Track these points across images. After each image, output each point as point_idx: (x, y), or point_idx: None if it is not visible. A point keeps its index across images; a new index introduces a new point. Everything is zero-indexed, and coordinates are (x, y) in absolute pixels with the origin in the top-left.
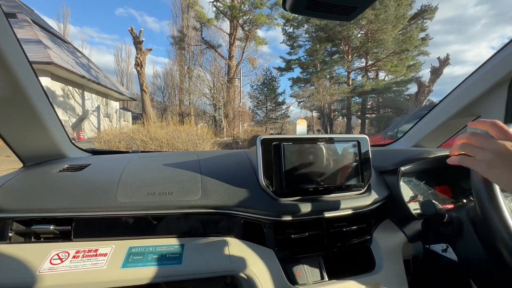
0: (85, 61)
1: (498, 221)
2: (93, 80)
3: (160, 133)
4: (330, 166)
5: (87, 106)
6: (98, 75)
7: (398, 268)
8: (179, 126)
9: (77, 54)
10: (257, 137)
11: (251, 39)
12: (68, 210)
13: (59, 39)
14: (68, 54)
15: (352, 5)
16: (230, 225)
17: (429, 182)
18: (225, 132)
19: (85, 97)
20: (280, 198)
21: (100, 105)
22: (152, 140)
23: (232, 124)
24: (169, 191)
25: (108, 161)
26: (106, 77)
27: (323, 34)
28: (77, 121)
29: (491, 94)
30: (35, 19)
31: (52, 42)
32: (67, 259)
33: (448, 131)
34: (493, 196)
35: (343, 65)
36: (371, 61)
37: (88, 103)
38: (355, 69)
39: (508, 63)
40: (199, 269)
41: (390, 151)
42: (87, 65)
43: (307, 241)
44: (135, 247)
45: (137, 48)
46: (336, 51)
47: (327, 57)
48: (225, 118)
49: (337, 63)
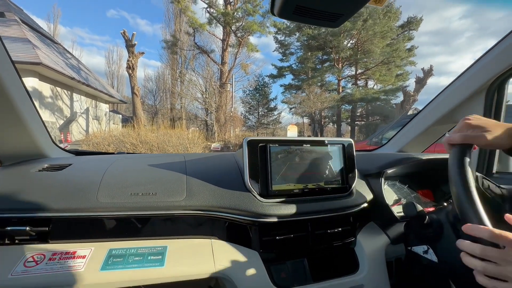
0: (75, 63)
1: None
2: (82, 82)
3: (151, 136)
4: (315, 169)
5: (76, 108)
6: (88, 77)
7: (381, 270)
8: (170, 130)
9: (67, 55)
10: None
11: (243, 46)
12: (46, 210)
13: (48, 40)
14: (58, 55)
15: (337, 12)
16: (215, 227)
17: (412, 186)
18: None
19: (74, 98)
20: (265, 199)
21: (89, 107)
22: (142, 143)
23: (223, 128)
24: (153, 191)
25: (90, 161)
26: (96, 79)
27: (314, 43)
28: (65, 123)
29: (469, 103)
30: (24, 18)
31: (41, 42)
32: (43, 262)
33: (431, 137)
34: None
35: (334, 73)
36: (361, 69)
37: (77, 105)
38: (345, 77)
39: (484, 74)
40: (182, 271)
41: (375, 155)
42: (77, 67)
43: (292, 242)
44: (116, 249)
45: (129, 51)
46: (327, 59)
47: (318, 64)
48: (216, 122)
49: (327, 71)
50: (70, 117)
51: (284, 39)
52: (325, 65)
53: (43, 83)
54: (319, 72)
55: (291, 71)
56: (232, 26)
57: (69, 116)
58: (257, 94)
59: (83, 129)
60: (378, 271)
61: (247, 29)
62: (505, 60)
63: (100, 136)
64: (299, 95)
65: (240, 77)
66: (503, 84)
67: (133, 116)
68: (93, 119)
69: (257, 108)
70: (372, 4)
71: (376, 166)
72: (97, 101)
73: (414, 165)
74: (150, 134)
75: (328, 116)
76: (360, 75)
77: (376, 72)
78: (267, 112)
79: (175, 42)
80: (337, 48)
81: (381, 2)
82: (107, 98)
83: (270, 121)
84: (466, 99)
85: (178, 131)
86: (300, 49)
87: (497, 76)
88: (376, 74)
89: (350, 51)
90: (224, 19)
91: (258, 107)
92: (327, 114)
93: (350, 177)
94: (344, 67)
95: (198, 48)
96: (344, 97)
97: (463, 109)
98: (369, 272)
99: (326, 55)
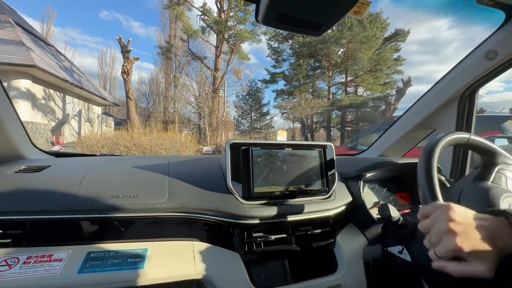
0: (68, 65)
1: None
2: (75, 84)
3: (144, 139)
4: (296, 171)
5: (68, 110)
6: (81, 79)
7: (358, 269)
8: (163, 133)
9: (60, 57)
10: None
11: (235, 53)
12: (21, 213)
13: (42, 42)
14: (51, 57)
15: (318, 21)
16: (196, 229)
17: (390, 189)
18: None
19: (67, 101)
20: (247, 201)
21: (82, 110)
22: (135, 146)
23: (215, 133)
24: (134, 193)
25: (71, 163)
26: (89, 81)
27: (306, 50)
28: (57, 125)
29: (444, 110)
30: (17, 20)
31: (35, 44)
32: (16, 266)
33: (409, 142)
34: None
35: (324, 80)
36: (351, 77)
37: (69, 107)
38: (335, 83)
39: (456, 83)
40: (162, 273)
41: (355, 159)
42: (70, 69)
43: (273, 244)
44: (94, 252)
45: (125, 57)
46: (318, 67)
47: (310, 71)
48: (209, 127)
49: (318, 78)
50: (62, 119)
51: (277, 46)
52: (316, 72)
53: (36, 85)
54: (311, 78)
55: (284, 77)
56: (224, 34)
57: (61, 118)
58: (250, 99)
59: (75, 131)
60: (356, 271)
61: (238, 37)
62: (474, 71)
63: (94, 139)
64: (291, 100)
65: (233, 83)
66: (473, 93)
67: (127, 119)
68: (85, 121)
69: (250, 112)
70: (351, 15)
71: (355, 170)
72: (89, 103)
73: (392, 169)
74: (144, 137)
75: (320, 121)
76: (350, 82)
77: (365, 80)
78: (259, 117)
79: (169, 48)
80: (328, 56)
81: (360, 13)
82: (100, 101)
83: (263, 126)
84: (440, 107)
85: (171, 134)
86: (293, 56)
87: (468, 86)
88: (365, 81)
89: (340, 59)
90: (217, 27)
91: (251, 112)
92: (319, 119)
93: (330, 180)
94: (334, 74)
95: (192, 54)
96: (334, 104)
97: (437, 116)
98: (347, 272)
99: (318, 62)
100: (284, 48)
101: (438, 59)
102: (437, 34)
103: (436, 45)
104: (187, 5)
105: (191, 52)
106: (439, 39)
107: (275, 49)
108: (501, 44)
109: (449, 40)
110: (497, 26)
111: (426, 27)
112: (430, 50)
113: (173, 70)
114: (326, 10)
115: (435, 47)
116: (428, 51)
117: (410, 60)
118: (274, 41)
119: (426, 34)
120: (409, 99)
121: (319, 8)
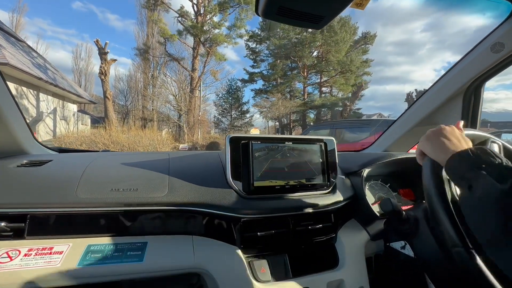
0: (41, 62)
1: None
2: (50, 82)
3: (122, 137)
4: (297, 166)
5: (42, 108)
6: (55, 77)
7: (360, 265)
8: (141, 132)
9: (32, 53)
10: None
11: (211, 55)
12: (23, 206)
13: (12, 38)
14: (24, 54)
15: (319, 14)
16: (196, 223)
17: (393, 185)
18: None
19: (41, 98)
20: (247, 196)
21: (57, 108)
22: (114, 143)
23: (192, 131)
24: (134, 187)
25: (72, 158)
26: (64, 78)
27: (282, 52)
28: (31, 123)
29: (449, 105)
30: None
31: (6, 41)
32: (17, 258)
33: (414, 137)
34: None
35: (300, 81)
36: (325, 78)
37: (43, 104)
38: (311, 84)
39: (461, 78)
40: (161, 266)
41: (357, 155)
42: (44, 66)
43: (273, 238)
44: (95, 245)
45: (102, 58)
46: (295, 67)
47: (288, 71)
48: (186, 125)
49: (294, 79)
50: (36, 117)
51: (255, 47)
52: (293, 72)
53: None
54: (287, 78)
55: (262, 77)
56: (200, 37)
57: (35, 116)
58: (230, 97)
59: (51, 129)
60: (357, 266)
61: (214, 40)
62: (480, 65)
63: (72, 136)
64: (270, 99)
65: (211, 82)
66: (479, 87)
67: (105, 118)
68: (60, 119)
69: (230, 111)
70: (353, 7)
71: (357, 165)
72: (64, 101)
73: (395, 164)
74: (122, 135)
75: (297, 119)
76: (324, 83)
77: (337, 80)
78: (239, 115)
79: (147, 49)
80: (302, 58)
81: (362, 5)
82: (75, 98)
83: (243, 124)
84: (445, 101)
85: (149, 133)
86: (270, 57)
87: (473, 80)
88: (337, 82)
89: (314, 60)
90: (193, 31)
91: (231, 110)
92: (296, 118)
93: (332, 174)
94: (310, 75)
95: (169, 55)
96: (306, 104)
97: (442, 112)
98: (348, 267)
99: (294, 63)
100: (262, 48)
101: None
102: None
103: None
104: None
105: (169, 54)
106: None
107: (253, 49)
108: (507, 36)
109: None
110: (504, 18)
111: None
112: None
113: (151, 70)
114: (327, 2)
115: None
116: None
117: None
118: (252, 42)
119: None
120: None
121: (320, 0)
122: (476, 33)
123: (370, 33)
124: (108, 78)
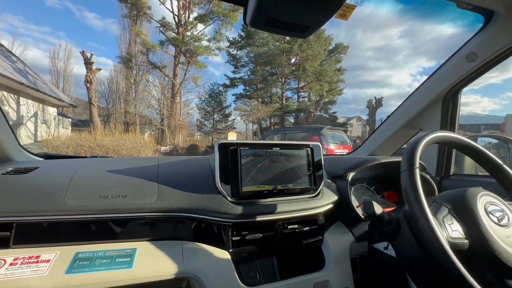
0: (21, 66)
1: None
2: (31, 86)
3: (107, 140)
4: (284, 171)
5: (23, 112)
6: (36, 81)
7: (345, 266)
8: (124, 135)
9: (12, 58)
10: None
11: (192, 64)
12: (8, 214)
13: None
14: (4, 58)
15: (305, 24)
16: (185, 228)
17: (378, 188)
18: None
19: (21, 102)
20: (235, 200)
21: (37, 111)
22: (99, 146)
23: (173, 134)
24: (123, 194)
25: (59, 164)
26: (44, 82)
27: (261, 59)
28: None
29: (429, 110)
30: None
31: None
32: (3, 267)
33: (398, 141)
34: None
35: (278, 87)
36: (303, 83)
37: (23, 108)
38: (289, 89)
39: (440, 84)
40: (151, 272)
41: (343, 158)
42: (24, 70)
43: (261, 242)
44: (83, 253)
45: (88, 68)
46: (275, 73)
47: (269, 76)
48: (168, 129)
49: (272, 85)
50: (16, 121)
51: (236, 53)
52: (273, 78)
53: None
54: (267, 84)
55: (243, 82)
56: (181, 48)
57: (15, 119)
58: (213, 101)
59: (32, 133)
60: (343, 267)
61: (194, 52)
62: (456, 73)
63: (59, 140)
64: (251, 103)
65: (193, 87)
66: (456, 94)
67: (90, 122)
68: (41, 123)
69: (212, 114)
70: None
71: (342, 168)
72: (45, 104)
73: (379, 168)
74: (106, 138)
75: (277, 123)
76: (301, 88)
77: (313, 86)
78: (222, 118)
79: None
80: (280, 65)
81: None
82: (55, 102)
83: (225, 127)
84: (425, 107)
85: (132, 136)
86: (250, 63)
87: (451, 87)
88: (313, 88)
89: (292, 68)
90: (174, 42)
91: (213, 114)
92: (276, 121)
93: (318, 178)
94: (289, 81)
95: (151, 64)
96: (282, 108)
97: (423, 116)
98: (334, 268)
99: (274, 69)
100: (242, 55)
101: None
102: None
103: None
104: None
105: (151, 63)
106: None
107: (234, 55)
108: (480, 46)
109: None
110: (477, 29)
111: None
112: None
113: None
114: (312, 14)
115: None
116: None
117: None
118: (233, 48)
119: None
120: (356, 100)
121: (306, 11)
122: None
123: (343, 44)
124: (93, 86)
